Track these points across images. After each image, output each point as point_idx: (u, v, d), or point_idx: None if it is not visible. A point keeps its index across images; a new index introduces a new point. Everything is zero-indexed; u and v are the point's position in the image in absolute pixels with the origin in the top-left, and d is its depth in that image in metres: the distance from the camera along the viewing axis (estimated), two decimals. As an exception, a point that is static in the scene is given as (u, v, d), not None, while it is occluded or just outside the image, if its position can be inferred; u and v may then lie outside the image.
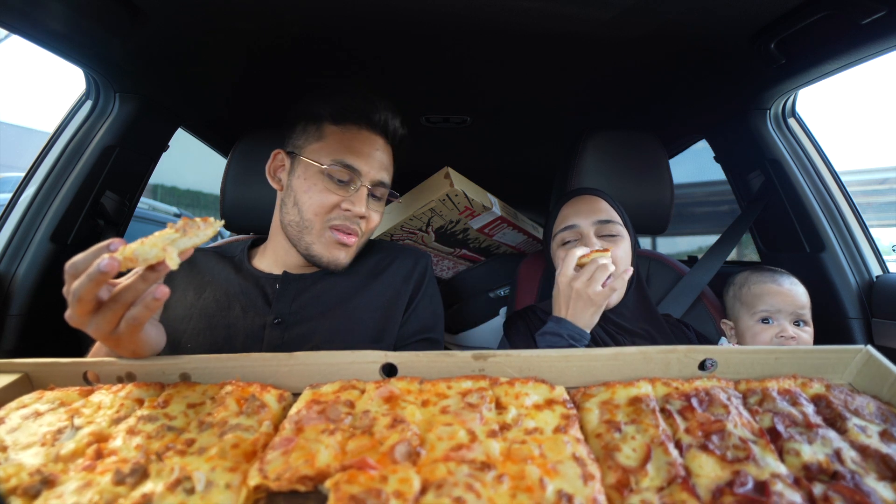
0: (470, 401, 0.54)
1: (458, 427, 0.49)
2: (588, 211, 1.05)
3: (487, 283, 1.63)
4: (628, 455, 0.46)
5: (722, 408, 0.51)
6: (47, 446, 0.47)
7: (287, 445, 0.47)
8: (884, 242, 1.32)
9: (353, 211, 0.89)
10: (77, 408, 0.54)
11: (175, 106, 1.37)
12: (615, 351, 0.62)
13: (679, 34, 1.03)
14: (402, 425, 0.49)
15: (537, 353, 0.62)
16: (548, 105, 1.52)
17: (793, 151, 1.31)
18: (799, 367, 0.60)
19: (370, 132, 0.94)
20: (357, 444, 0.47)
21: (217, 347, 0.86)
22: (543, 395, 0.55)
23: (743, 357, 0.61)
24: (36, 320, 1.12)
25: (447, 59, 1.20)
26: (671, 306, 1.23)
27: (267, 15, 0.98)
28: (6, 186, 1.56)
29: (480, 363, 0.62)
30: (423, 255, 1.08)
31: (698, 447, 0.46)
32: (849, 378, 0.60)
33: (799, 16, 0.91)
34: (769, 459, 0.44)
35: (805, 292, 1.08)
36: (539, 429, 0.50)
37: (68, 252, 1.18)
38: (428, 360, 0.62)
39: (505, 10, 0.94)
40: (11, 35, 0.92)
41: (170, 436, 0.49)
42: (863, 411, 0.52)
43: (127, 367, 0.62)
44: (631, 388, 0.55)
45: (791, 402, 0.53)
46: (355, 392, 0.57)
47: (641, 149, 1.32)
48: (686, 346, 0.62)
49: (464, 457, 0.45)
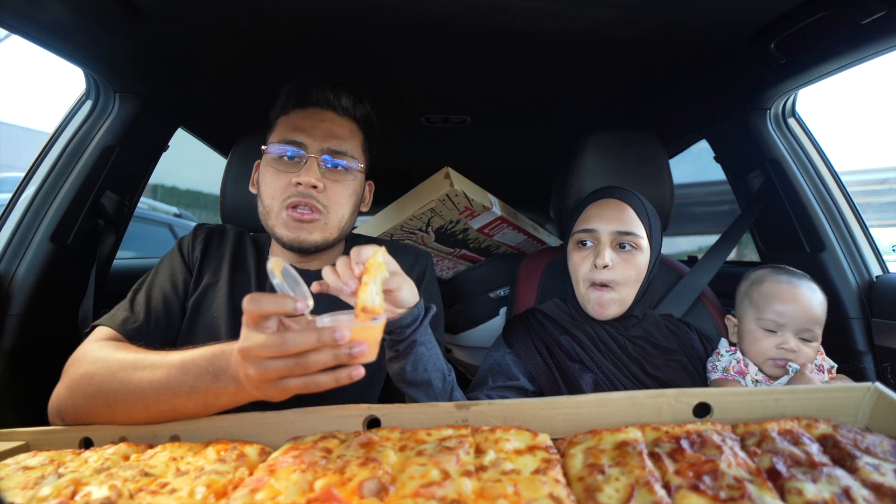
0: (448, 445, 0.52)
1: (431, 467, 0.47)
2: (610, 217, 1.01)
3: (487, 283, 1.62)
4: (610, 495, 0.43)
5: (715, 448, 0.48)
6: (28, 489, 0.48)
7: (256, 484, 0.46)
8: (884, 242, 1.32)
9: (303, 181, 0.87)
10: (65, 461, 0.55)
11: (175, 106, 1.37)
12: (601, 397, 0.60)
13: (679, 34, 1.03)
14: (373, 464, 0.48)
15: (521, 402, 0.61)
16: (548, 105, 1.52)
17: (793, 151, 1.31)
18: (803, 409, 0.55)
19: (314, 109, 0.94)
20: (326, 481, 0.46)
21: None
22: (526, 441, 0.53)
23: (740, 400, 0.57)
24: (36, 320, 1.12)
25: (447, 59, 1.20)
26: (671, 306, 1.23)
27: (267, 15, 0.98)
28: (6, 186, 1.55)
29: (463, 413, 0.61)
30: (424, 254, 1.07)
31: (688, 488, 0.43)
32: (863, 421, 0.55)
33: (799, 16, 0.91)
34: (767, 499, 0.41)
35: (823, 303, 0.98)
36: (517, 470, 0.48)
37: (68, 252, 1.18)
38: (412, 411, 0.62)
39: (505, 10, 0.94)
40: (11, 35, 0.92)
41: (145, 480, 0.49)
42: (875, 449, 0.47)
43: (121, 432, 0.64)
44: (618, 434, 0.52)
45: (793, 441, 0.49)
46: (335, 441, 0.56)
47: (641, 149, 1.32)
48: (675, 389, 0.59)
49: (433, 493, 0.43)
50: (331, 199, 0.91)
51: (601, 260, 0.98)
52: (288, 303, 0.55)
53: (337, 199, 0.92)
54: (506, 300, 1.60)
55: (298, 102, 0.95)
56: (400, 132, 1.73)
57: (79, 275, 1.23)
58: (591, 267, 1.00)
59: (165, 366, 0.65)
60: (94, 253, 1.27)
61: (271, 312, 0.55)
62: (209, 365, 0.62)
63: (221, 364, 0.61)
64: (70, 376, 0.71)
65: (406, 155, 2.00)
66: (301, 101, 0.94)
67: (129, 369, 0.67)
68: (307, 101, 0.94)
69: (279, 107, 0.97)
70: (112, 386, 0.66)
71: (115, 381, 0.66)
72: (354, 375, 0.55)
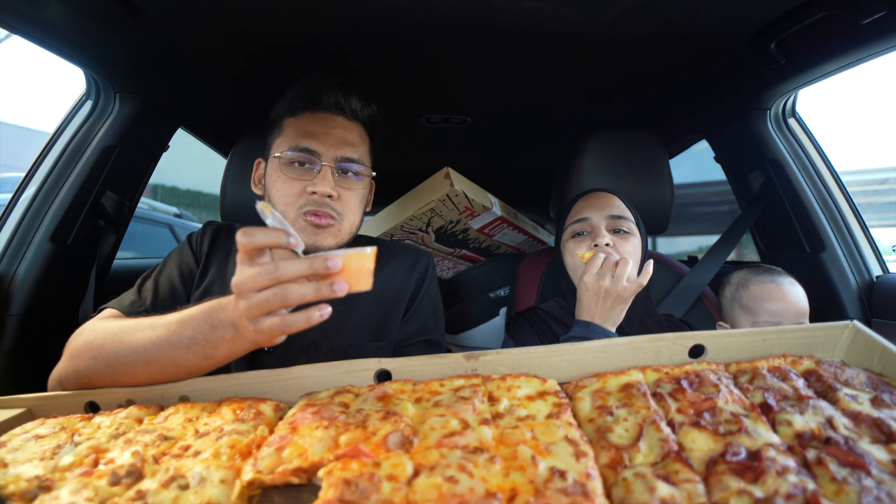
0: (462, 395, 0.54)
1: (450, 417, 0.49)
2: (601, 205, 1.05)
3: (487, 283, 1.63)
4: (620, 435, 0.46)
5: (712, 387, 0.52)
6: (46, 460, 0.47)
7: (281, 442, 0.47)
8: (884, 242, 1.32)
9: (318, 191, 0.87)
10: (77, 428, 0.54)
11: (175, 106, 1.37)
12: (604, 343, 0.62)
13: (679, 34, 1.03)
14: (394, 417, 0.49)
15: (528, 350, 0.62)
16: (548, 105, 1.52)
17: (793, 151, 1.31)
18: (787, 347, 0.61)
19: (325, 113, 0.93)
20: (350, 436, 0.47)
21: None
22: (535, 387, 0.56)
23: (731, 340, 0.62)
24: (36, 320, 1.12)
25: (447, 59, 1.20)
26: (672, 306, 1.23)
27: (266, 15, 0.97)
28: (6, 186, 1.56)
29: (472, 363, 0.62)
30: (425, 254, 1.07)
31: (690, 424, 0.47)
32: (840, 355, 0.61)
33: (799, 16, 0.91)
34: (761, 430, 0.45)
35: (804, 295, 1.06)
36: (531, 416, 0.50)
37: (68, 252, 1.18)
38: (421, 363, 0.63)
39: (505, 10, 0.94)
40: (11, 35, 0.92)
41: (166, 444, 0.49)
42: (853, 381, 0.52)
43: (127, 395, 0.63)
44: (622, 377, 0.56)
45: (781, 377, 0.54)
46: (349, 395, 0.57)
47: (642, 149, 1.32)
48: (674, 333, 0.62)
49: (456, 443, 0.45)
50: (344, 207, 0.91)
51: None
52: (281, 235, 0.55)
53: (350, 206, 0.93)
54: (506, 300, 1.60)
55: (308, 105, 0.93)
56: (400, 132, 1.73)
57: (79, 275, 1.23)
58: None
59: (165, 323, 0.65)
60: (94, 253, 1.27)
61: (264, 244, 0.56)
62: (207, 317, 0.62)
63: (219, 314, 0.61)
64: (71, 347, 0.72)
65: (406, 155, 2.00)
66: (311, 104, 0.93)
67: (129, 331, 0.68)
68: (318, 104, 0.93)
69: (285, 107, 0.95)
70: (114, 347, 0.66)
71: (115, 342, 0.67)
72: (324, 314, 0.55)
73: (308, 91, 0.93)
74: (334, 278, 0.55)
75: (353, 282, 0.55)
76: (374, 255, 0.56)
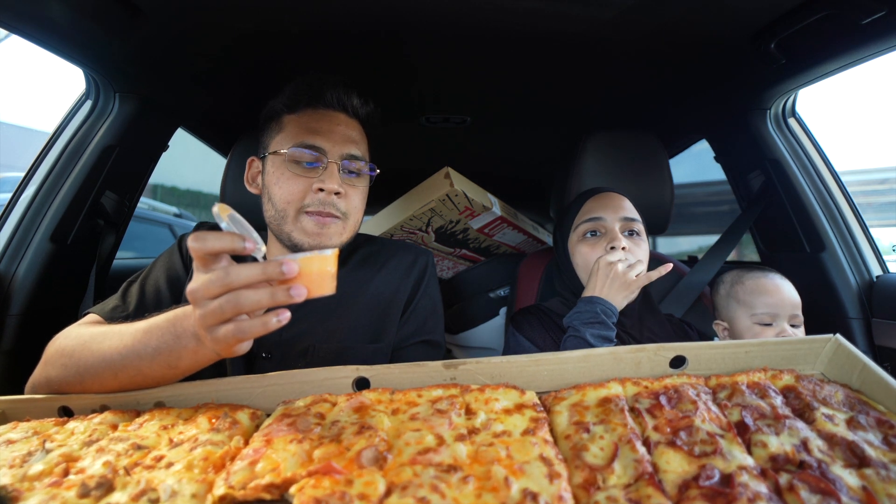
0: (439, 407, 0.54)
1: (426, 432, 0.49)
2: (615, 207, 1.05)
3: (487, 283, 1.63)
4: (595, 454, 0.46)
5: (690, 404, 0.52)
6: (15, 468, 0.46)
7: (255, 456, 0.46)
8: (884, 242, 1.32)
9: (326, 188, 0.86)
10: (50, 434, 0.53)
11: (175, 106, 1.37)
12: (585, 353, 0.62)
13: (679, 34, 1.03)
14: (369, 431, 0.49)
15: (508, 360, 0.62)
16: (548, 105, 1.52)
17: (793, 151, 1.31)
18: (769, 360, 0.60)
19: (326, 110, 0.93)
20: (324, 451, 0.46)
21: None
22: (513, 399, 0.55)
23: (713, 352, 0.62)
24: (36, 320, 1.12)
25: (447, 59, 1.20)
26: (672, 306, 1.23)
27: (266, 15, 0.97)
28: (6, 186, 1.55)
29: (451, 372, 0.62)
30: (425, 252, 1.06)
31: (666, 444, 0.46)
32: (820, 368, 0.61)
33: (799, 16, 0.90)
34: (736, 452, 0.45)
35: (795, 289, 1.08)
36: (507, 431, 0.50)
37: (68, 252, 1.18)
38: (400, 371, 0.62)
39: (506, 10, 0.94)
40: (11, 35, 0.92)
41: (139, 454, 0.48)
42: (831, 400, 0.53)
43: (101, 400, 0.62)
44: (601, 390, 0.56)
45: (760, 394, 0.54)
46: (326, 405, 0.57)
47: (642, 149, 1.32)
48: (655, 344, 0.62)
49: (430, 460, 0.45)
50: (349, 205, 0.90)
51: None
52: (236, 240, 0.52)
53: (354, 204, 0.92)
54: (505, 300, 1.60)
55: (310, 102, 0.92)
56: (400, 132, 1.73)
57: (79, 275, 1.23)
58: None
59: (132, 332, 0.64)
60: (94, 253, 1.27)
61: (216, 249, 0.53)
62: (171, 325, 0.60)
63: (183, 322, 0.59)
64: (46, 352, 0.72)
65: (406, 155, 2.00)
66: (313, 101, 0.92)
67: (98, 339, 0.66)
68: (319, 101, 0.92)
69: (285, 103, 0.94)
70: (83, 355, 0.65)
71: (84, 350, 0.66)
72: (283, 319, 0.53)
73: (310, 87, 0.93)
74: (292, 283, 0.52)
75: (314, 286, 0.52)
76: (335, 258, 0.54)
